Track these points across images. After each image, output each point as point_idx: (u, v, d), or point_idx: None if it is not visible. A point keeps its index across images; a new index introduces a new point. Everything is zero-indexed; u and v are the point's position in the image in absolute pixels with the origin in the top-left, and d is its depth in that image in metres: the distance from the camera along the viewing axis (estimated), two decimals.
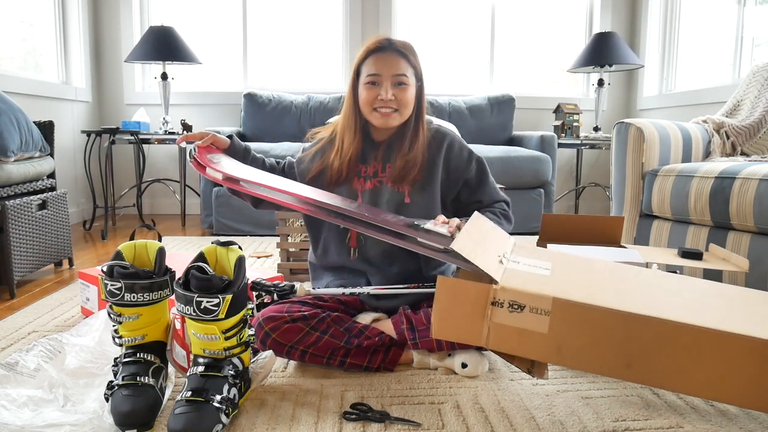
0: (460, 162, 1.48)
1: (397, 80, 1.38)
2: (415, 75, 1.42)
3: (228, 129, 3.47)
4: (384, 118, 1.40)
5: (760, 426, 1.09)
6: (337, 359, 1.30)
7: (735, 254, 1.43)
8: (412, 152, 1.42)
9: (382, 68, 1.38)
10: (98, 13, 3.87)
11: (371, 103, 1.39)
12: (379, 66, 1.38)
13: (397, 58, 1.39)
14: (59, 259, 2.29)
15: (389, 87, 1.37)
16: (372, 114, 1.41)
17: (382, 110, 1.39)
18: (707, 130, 2.19)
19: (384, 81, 1.37)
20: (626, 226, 2.09)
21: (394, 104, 1.38)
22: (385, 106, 1.38)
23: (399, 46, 1.40)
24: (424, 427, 1.08)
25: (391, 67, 1.38)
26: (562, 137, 3.76)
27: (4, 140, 1.97)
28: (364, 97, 1.40)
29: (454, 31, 4.12)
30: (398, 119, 1.41)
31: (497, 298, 0.95)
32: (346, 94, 1.46)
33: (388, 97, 1.37)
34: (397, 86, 1.38)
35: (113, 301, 1.12)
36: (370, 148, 1.47)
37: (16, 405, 1.08)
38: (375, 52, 1.39)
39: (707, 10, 3.56)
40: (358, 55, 1.43)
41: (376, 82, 1.38)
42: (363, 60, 1.41)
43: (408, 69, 1.40)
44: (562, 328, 0.94)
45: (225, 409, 1.05)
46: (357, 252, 1.45)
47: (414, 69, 1.42)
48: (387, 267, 1.45)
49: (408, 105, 1.41)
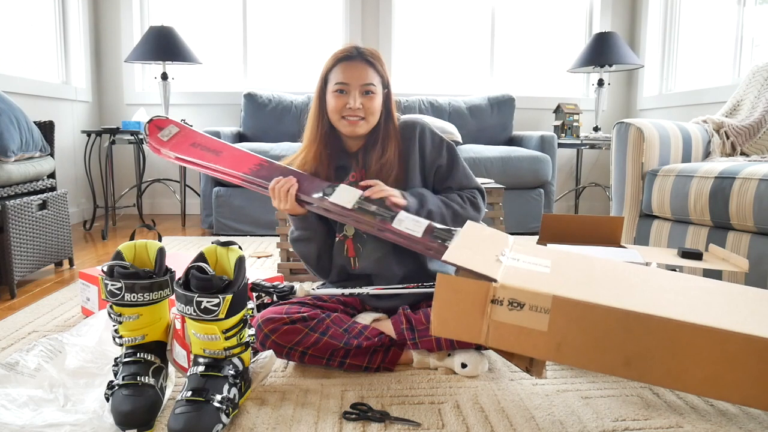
0: (433, 148, 1.50)
1: (364, 89, 1.40)
2: (382, 83, 1.43)
3: (228, 129, 3.48)
4: (351, 126, 1.41)
5: (760, 426, 1.09)
6: (337, 360, 1.30)
7: (735, 254, 1.43)
8: (386, 155, 1.44)
9: (351, 77, 1.39)
10: (98, 13, 3.87)
11: (339, 111, 1.41)
12: (347, 75, 1.39)
13: (365, 67, 1.40)
14: (59, 259, 2.29)
15: (357, 96, 1.39)
16: (340, 122, 1.42)
17: (350, 118, 1.41)
18: (707, 130, 2.19)
19: (352, 90, 1.39)
20: (626, 226, 2.09)
21: (361, 113, 1.40)
22: (353, 114, 1.40)
23: (367, 55, 1.42)
24: (424, 427, 1.08)
25: (360, 77, 1.39)
26: (562, 137, 3.76)
27: (5, 140, 1.97)
28: (333, 105, 1.42)
29: (454, 31, 4.11)
30: (365, 127, 1.42)
31: (497, 295, 0.95)
32: (313, 101, 1.48)
33: (356, 106, 1.39)
34: (365, 95, 1.40)
35: (113, 301, 1.12)
36: (347, 158, 1.49)
37: (17, 405, 1.08)
38: (343, 60, 1.41)
39: (707, 10, 3.56)
40: (326, 63, 1.44)
41: (344, 90, 1.40)
42: (331, 68, 1.43)
43: (375, 77, 1.41)
44: (561, 326, 0.94)
45: (225, 408, 1.05)
46: (357, 261, 1.46)
47: (381, 77, 1.43)
48: (388, 270, 1.45)
49: (375, 113, 1.42)
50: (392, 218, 1.31)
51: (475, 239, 1.16)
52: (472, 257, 1.03)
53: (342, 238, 1.46)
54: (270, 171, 1.46)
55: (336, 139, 1.49)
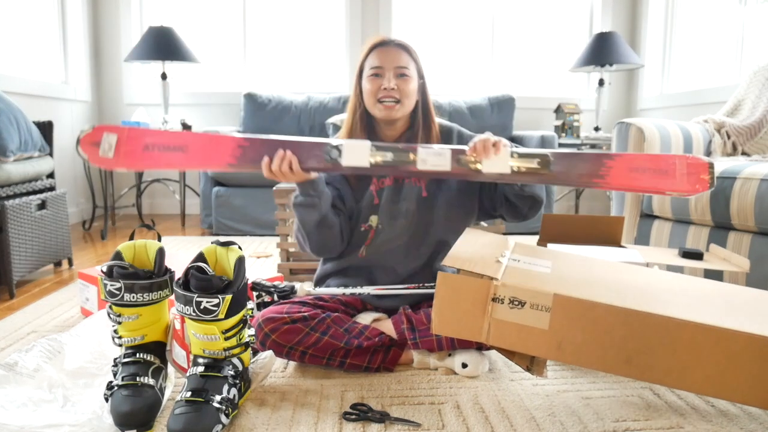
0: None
1: (399, 71, 1.40)
2: (417, 70, 1.45)
3: (228, 129, 3.48)
4: (387, 110, 1.41)
5: (761, 426, 1.09)
6: (337, 360, 1.30)
7: (736, 254, 1.43)
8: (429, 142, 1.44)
9: (385, 60, 1.41)
10: (98, 13, 3.87)
11: (375, 94, 1.41)
12: (381, 58, 1.41)
13: (398, 50, 1.42)
14: (59, 259, 2.28)
15: (392, 77, 1.40)
16: (376, 106, 1.42)
17: (385, 101, 1.40)
18: (708, 130, 2.19)
19: (386, 72, 1.40)
20: (627, 226, 2.09)
21: (396, 94, 1.40)
22: (387, 96, 1.39)
23: (400, 42, 1.45)
24: (424, 427, 1.08)
25: (393, 60, 1.41)
26: (563, 137, 3.75)
27: (4, 140, 1.97)
28: (368, 88, 1.42)
29: (454, 31, 4.11)
30: (401, 111, 1.42)
31: (498, 294, 0.95)
32: (351, 93, 1.49)
33: (390, 86, 1.39)
34: (400, 77, 1.40)
35: (113, 301, 1.12)
36: None
37: (16, 405, 1.07)
38: (377, 47, 1.43)
39: (707, 10, 3.55)
40: (362, 53, 1.45)
41: (379, 74, 1.41)
42: (366, 56, 1.44)
43: (410, 62, 1.43)
44: (562, 325, 0.94)
45: (225, 409, 1.04)
46: (365, 249, 1.45)
47: (416, 63, 1.45)
48: (393, 264, 1.45)
49: (410, 96, 1.42)
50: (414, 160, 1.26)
51: (475, 244, 1.16)
52: (472, 260, 1.03)
53: (367, 228, 1.45)
54: (255, 150, 1.30)
55: (373, 129, 1.48)
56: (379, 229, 1.43)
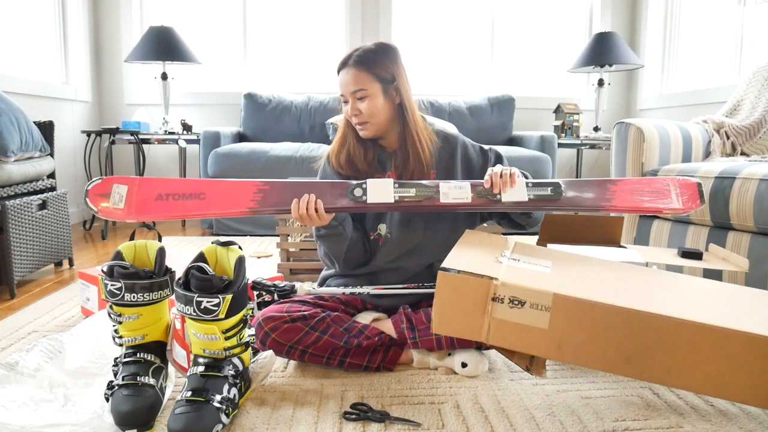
0: (479, 155, 1.50)
1: (356, 96, 1.39)
2: (379, 80, 1.38)
3: (228, 129, 3.48)
4: (363, 132, 1.42)
5: (760, 426, 1.09)
6: (337, 359, 1.30)
7: (735, 254, 1.43)
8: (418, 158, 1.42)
9: (343, 87, 1.41)
10: (98, 13, 3.87)
11: (350, 119, 1.43)
12: (341, 85, 1.42)
13: (352, 73, 1.38)
14: (59, 259, 2.28)
15: (352, 103, 1.40)
16: (356, 127, 1.43)
17: (356, 125, 1.42)
18: (707, 130, 2.19)
19: (348, 97, 1.41)
20: (626, 226, 2.09)
21: (361, 118, 1.40)
22: (357, 122, 1.41)
23: (356, 58, 1.39)
24: (424, 427, 1.08)
25: (348, 84, 1.39)
26: (562, 137, 3.76)
27: (4, 140, 1.97)
28: (345, 114, 1.44)
29: (454, 31, 4.11)
30: (373, 128, 1.41)
31: (498, 293, 0.95)
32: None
33: (351, 114, 1.40)
34: (359, 100, 1.39)
35: (113, 301, 1.12)
36: (384, 156, 1.48)
37: (17, 404, 1.08)
38: (339, 72, 1.42)
39: (707, 10, 3.56)
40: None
41: (344, 100, 1.42)
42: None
43: (365, 80, 1.37)
44: (562, 324, 0.94)
45: (225, 409, 1.05)
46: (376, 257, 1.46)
47: (376, 73, 1.38)
48: (398, 268, 1.45)
49: (376, 114, 1.39)
50: (437, 193, 1.31)
51: (475, 245, 1.17)
52: (472, 261, 1.03)
53: (376, 237, 1.45)
54: (276, 193, 1.32)
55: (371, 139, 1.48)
56: (388, 237, 1.44)
